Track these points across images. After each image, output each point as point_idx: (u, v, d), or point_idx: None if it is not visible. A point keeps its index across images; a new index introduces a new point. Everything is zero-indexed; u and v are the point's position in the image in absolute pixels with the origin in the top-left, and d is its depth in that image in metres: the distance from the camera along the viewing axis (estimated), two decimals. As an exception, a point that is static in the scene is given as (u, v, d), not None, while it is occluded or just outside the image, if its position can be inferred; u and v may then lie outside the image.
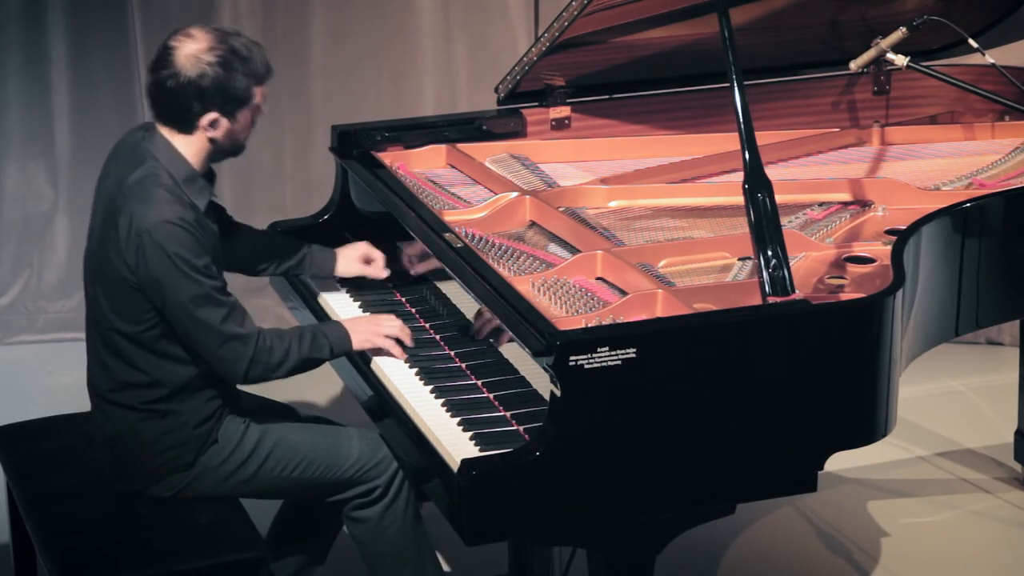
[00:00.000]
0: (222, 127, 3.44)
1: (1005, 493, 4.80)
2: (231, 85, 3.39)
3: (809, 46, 4.48)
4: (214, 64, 3.38)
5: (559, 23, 4.04)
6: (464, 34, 5.89)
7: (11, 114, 5.79)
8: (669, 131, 4.42)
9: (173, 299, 3.38)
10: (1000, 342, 5.84)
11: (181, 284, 3.36)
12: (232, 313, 3.43)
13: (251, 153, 5.99)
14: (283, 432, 3.62)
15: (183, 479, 3.55)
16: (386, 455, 3.63)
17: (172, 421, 3.52)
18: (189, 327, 3.41)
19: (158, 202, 3.37)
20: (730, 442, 3.24)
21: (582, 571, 3.46)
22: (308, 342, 3.53)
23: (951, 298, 3.82)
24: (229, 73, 3.39)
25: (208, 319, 3.39)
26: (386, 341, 3.60)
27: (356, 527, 3.67)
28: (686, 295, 3.41)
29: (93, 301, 3.52)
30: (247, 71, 3.42)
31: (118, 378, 3.51)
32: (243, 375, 3.46)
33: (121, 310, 3.45)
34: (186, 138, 3.45)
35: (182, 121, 3.43)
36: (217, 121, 3.43)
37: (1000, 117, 4.51)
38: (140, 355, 3.48)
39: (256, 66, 3.43)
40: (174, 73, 3.38)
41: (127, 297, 3.42)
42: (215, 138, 3.45)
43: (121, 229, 3.38)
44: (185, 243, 3.36)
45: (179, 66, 3.38)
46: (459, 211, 3.89)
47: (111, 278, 3.44)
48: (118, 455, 3.56)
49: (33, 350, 5.82)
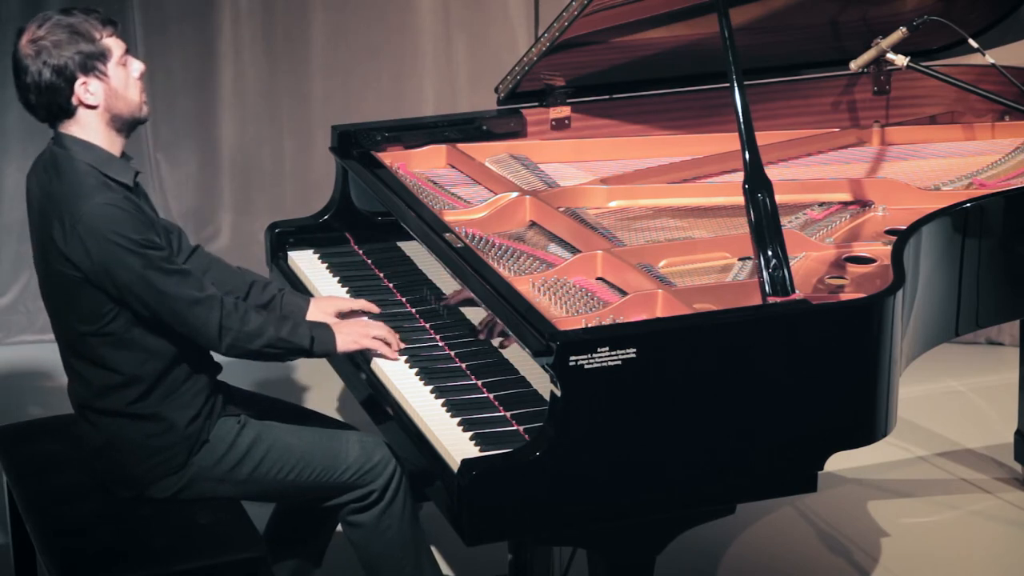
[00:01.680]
0: (95, 88, 3.40)
1: (1005, 493, 4.80)
2: (72, 45, 3.38)
3: (809, 46, 4.48)
4: (48, 35, 3.38)
5: (559, 23, 4.04)
6: (464, 34, 5.90)
7: (11, 114, 5.79)
8: (669, 131, 4.42)
9: (124, 279, 3.36)
10: (1000, 342, 5.84)
11: (126, 261, 3.35)
12: (186, 278, 3.41)
13: (251, 153, 6.04)
14: (279, 433, 3.61)
15: (177, 481, 3.54)
16: (383, 458, 3.62)
17: (158, 424, 3.50)
18: (151, 301, 3.39)
19: (84, 192, 3.37)
20: (730, 442, 3.24)
21: (582, 571, 3.46)
22: (289, 326, 3.50)
23: (951, 298, 3.82)
24: (67, 35, 3.38)
25: (165, 287, 3.37)
26: (373, 342, 3.58)
27: (353, 531, 3.66)
28: (686, 295, 3.41)
29: (56, 315, 3.51)
30: (78, 23, 3.40)
31: (95, 384, 3.50)
32: (218, 339, 3.43)
33: (80, 312, 3.43)
34: (78, 122, 3.43)
35: (60, 106, 3.41)
36: (85, 85, 3.40)
37: (1000, 117, 4.51)
38: (111, 354, 3.46)
39: (81, 16, 3.41)
40: (26, 67, 3.39)
41: (81, 296, 3.41)
42: (99, 104, 3.42)
43: (56, 230, 3.38)
44: (121, 221, 3.35)
45: (23, 60, 3.40)
46: (459, 211, 3.89)
47: (62, 284, 3.43)
48: (110, 463, 3.55)
49: (33, 350, 5.82)
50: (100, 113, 3.43)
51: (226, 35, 5.83)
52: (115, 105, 3.44)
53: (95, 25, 3.41)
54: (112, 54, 3.42)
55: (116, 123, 3.46)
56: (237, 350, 3.47)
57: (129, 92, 3.45)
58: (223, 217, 6.02)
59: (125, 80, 3.44)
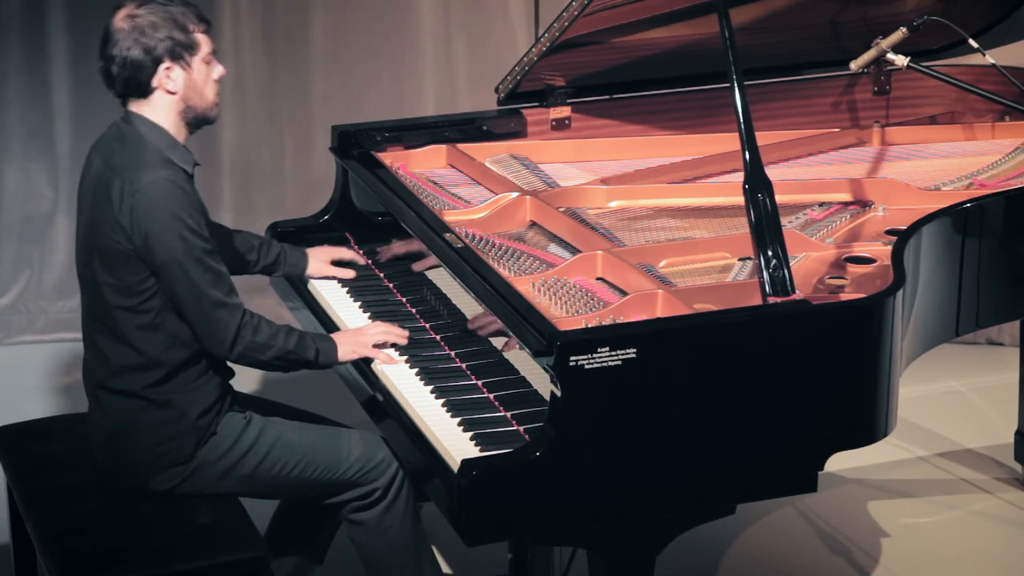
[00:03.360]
0: (177, 76, 3.50)
1: (1005, 493, 4.80)
2: (166, 28, 3.47)
3: (809, 46, 4.48)
4: (145, 14, 3.47)
5: (559, 23, 4.04)
6: (464, 34, 5.90)
7: (11, 114, 5.79)
8: (669, 131, 4.42)
9: (166, 256, 3.41)
10: (1000, 342, 5.84)
11: (174, 241, 3.41)
12: (219, 279, 3.47)
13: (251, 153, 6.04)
14: (283, 430, 3.63)
15: (181, 472, 3.55)
16: (385, 457, 3.63)
17: (171, 411, 3.52)
18: (179, 289, 3.44)
19: (148, 166, 3.44)
20: (730, 442, 3.24)
21: (582, 571, 3.46)
22: (296, 338, 3.56)
23: (951, 298, 3.82)
24: (164, 17, 3.48)
25: (197, 280, 3.43)
26: (372, 351, 3.62)
27: (355, 530, 3.67)
28: (686, 295, 3.41)
29: (92, 286, 3.54)
30: (179, 13, 3.50)
31: (114, 362, 3.52)
32: (229, 346, 3.49)
33: (120, 284, 3.47)
34: (152, 104, 3.51)
35: (140, 84, 3.49)
36: (169, 70, 3.49)
37: (1000, 117, 4.51)
38: (138, 333, 3.49)
39: (184, 8, 3.52)
40: (116, 40, 3.47)
41: (123, 267, 3.46)
42: (176, 92, 3.50)
43: (114, 197, 3.44)
44: (177, 200, 3.42)
45: (115, 34, 3.48)
46: (459, 211, 3.89)
47: (108, 254, 3.47)
48: (117, 449, 3.56)
49: (33, 350, 5.82)
50: (175, 101, 3.51)
51: (226, 35, 5.83)
52: (191, 97, 3.52)
53: (191, 18, 3.51)
54: (200, 49, 3.52)
55: (187, 115, 3.54)
56: (246, 359, 3.53)
57: (207, 89, 3.54)
58: (223, 217, 6.02)
59: (206, 77, 3.54)
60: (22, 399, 5.33)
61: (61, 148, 5.85)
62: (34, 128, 5.84)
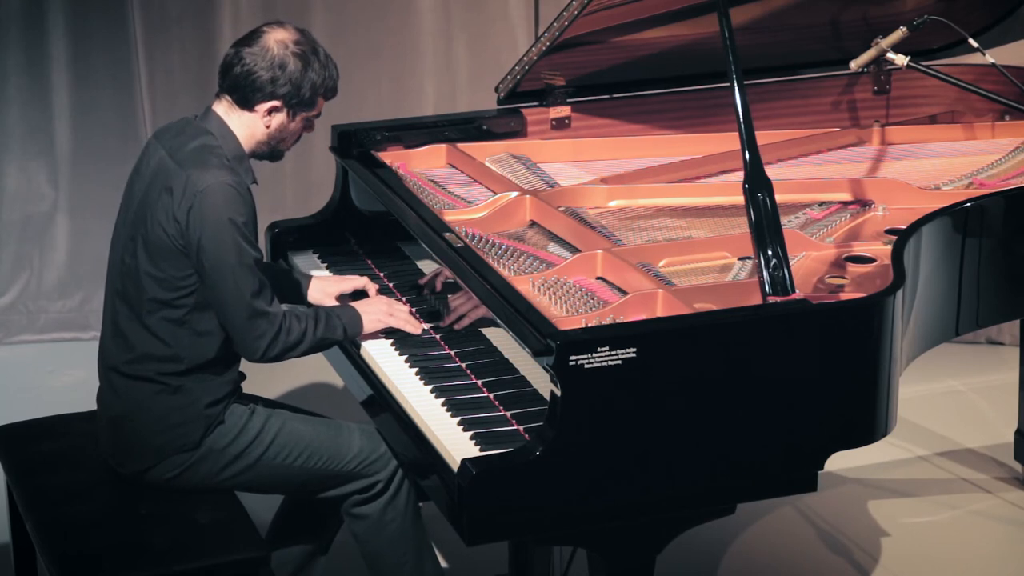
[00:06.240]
0: (278, 119, 3.56)
1: (1005, 493, 4.80)
2: (303, 81, 3.53)
3: (809, 46, 4.48)
4: (297, 55, 3.52)
5: (559, 23, 4.04)
6: (464, 34, 5.90)
7: (11, 114, 5.79)
8: (669, 131, 4.42)
9: (217, 260, 3.44)
10: (1000, 342, 5.84)
11: (228, 246, 3.44)
12: (264, 289, 3.50)
13: (251, 153, 6.01)
14: (287, 420, 3.65)
15: (187, 459, 3.56)
16: (387, 450, 3.65)
17: (183, 398, 3.54)
18: (224, 295, 3.46)
19: (215, 167, 3.48)
20: (730, 442, 3.24)
21: (582, 571, 3.46)
22: (323, 323, 3.60)
23: (951, 298, 3.82)
24: (306, 70, 3.53)
25: (243, 288, 3.46)
26: (397, 320, 3.67)
27: (356, 524, 3.68)
28: (686, 295, 3.41)
29: (130, 270, 3.55)
30: (321, 76, 3.55)
31: (137, 349, 3.55)
32: (263, 352, 3.52)
33: (162, 277, 3.49)
34: (242, 116, 3.56)
35: (246, 98, 3.54)
36: (277, 110, 3.54)
37: (1000, 117, 4.51)
38: (168, 327, 3.52)
39: (330, 75, 3.58)
40: (259, 50, 3.52)
41: (168, 260, 3.48)
42: (268, 127, 3.56)
43: (176, 191, 3.46)
44: (238, 207, 3.46)
45: (265, 45, 3.52)
46: (459, 211, 3.89)
47: (155, 245, 3.49)
48: (125, 432, 3.58)
49: (33, 350, 5.82)
50: (262, 131, 3.57)
51: (226, 35, 5.82)
52: (275, 138, 3.61)
53: (327, 87, 3.58)
54: (312, 112, 3.59)
55: (260, 147, 3.62)
56: (275, 360, 3.57)
57: (288, 141, 3.64)
58: (223, 217, 6.02)
59: (298, 132, 3.62)
60: (22, 399, 5.33)
61: (61, 147, 5.84)
62: (34, 128, 5.83)
